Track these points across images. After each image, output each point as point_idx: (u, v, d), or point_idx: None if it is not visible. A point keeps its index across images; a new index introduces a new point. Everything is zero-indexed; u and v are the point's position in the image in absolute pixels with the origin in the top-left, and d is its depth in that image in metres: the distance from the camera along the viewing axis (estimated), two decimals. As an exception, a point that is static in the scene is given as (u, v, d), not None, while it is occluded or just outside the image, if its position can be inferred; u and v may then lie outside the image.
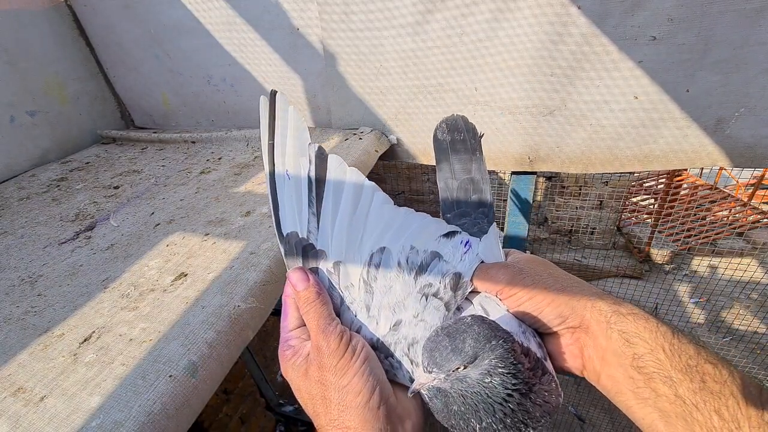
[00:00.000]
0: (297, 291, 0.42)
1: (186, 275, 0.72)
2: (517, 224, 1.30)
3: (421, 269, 0.42)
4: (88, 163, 1.36)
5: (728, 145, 0.91)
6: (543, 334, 0.41)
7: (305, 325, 0.43)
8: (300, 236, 0.45)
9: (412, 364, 0.39)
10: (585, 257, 3.87)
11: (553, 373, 0.38)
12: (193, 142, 1.39)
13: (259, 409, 2.36)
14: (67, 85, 1.45)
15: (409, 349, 0.40)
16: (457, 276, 0.42)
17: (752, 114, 0.86)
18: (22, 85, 1.32)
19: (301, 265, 0.44)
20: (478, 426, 0.34)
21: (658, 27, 0.82)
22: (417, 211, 0.49)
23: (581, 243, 4.15)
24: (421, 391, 0.38)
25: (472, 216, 0.48)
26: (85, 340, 0.61)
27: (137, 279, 0.73)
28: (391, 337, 0.40)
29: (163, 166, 1.26)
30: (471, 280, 0.42)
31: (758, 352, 2.81)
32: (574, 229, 4.05)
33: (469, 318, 0.35)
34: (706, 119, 0.89)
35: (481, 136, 0.50)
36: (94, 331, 0.62)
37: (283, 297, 0.44)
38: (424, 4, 0.95)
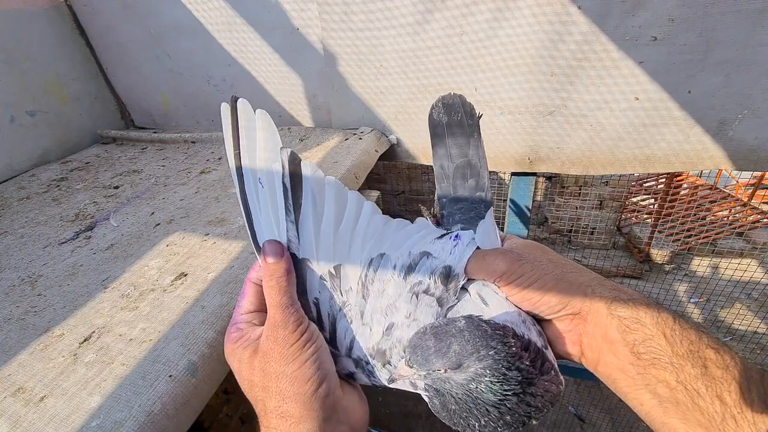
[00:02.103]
0: (266, 263, 0.39)
1: (186, 275, 0.72)
2: (517, 225, 1.30)
3: (410, 269, 0.41)
4: (88, 163, 1.36)
5: (731, 147, 0.90)
6: (541, 320, 0.40)
7: (259, 311, 0.41)
8: None
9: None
10: (585, 257, 3.87)
11: (554, 362, 0.37)
12: (193, 142, 1.39)
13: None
14: (67, 85, 1.45)
15: (405, 353, 0.38)
16: (447, 269, 0.41)
17: (755, 116, 0.85)
18: (22, 85, 1.32)
19: None
20: (477, 424, 0.34)
21: (659, 27, 0.82)
22: (417, 210, 0.48)
23: (581, 243, 4.15)
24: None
25: (469, 201, 0.47)
26: (85, 340, 0.61)
27: (137, 279, 0.73)
28: (385, 343, 0.39)
29: (163, 166, 1.26)
30: (465, 270, 0.41)
31: (758, 352, 2.81)
32: (574, 229, 4.05)
33: (463, 321, 0.34)
34: (709, 121, 0.89)
35: (479, 117, 0.48)
36: (94, 331, 0.62)
37: (245, 279, 0.43)
38: (424, 4, 0.95)
